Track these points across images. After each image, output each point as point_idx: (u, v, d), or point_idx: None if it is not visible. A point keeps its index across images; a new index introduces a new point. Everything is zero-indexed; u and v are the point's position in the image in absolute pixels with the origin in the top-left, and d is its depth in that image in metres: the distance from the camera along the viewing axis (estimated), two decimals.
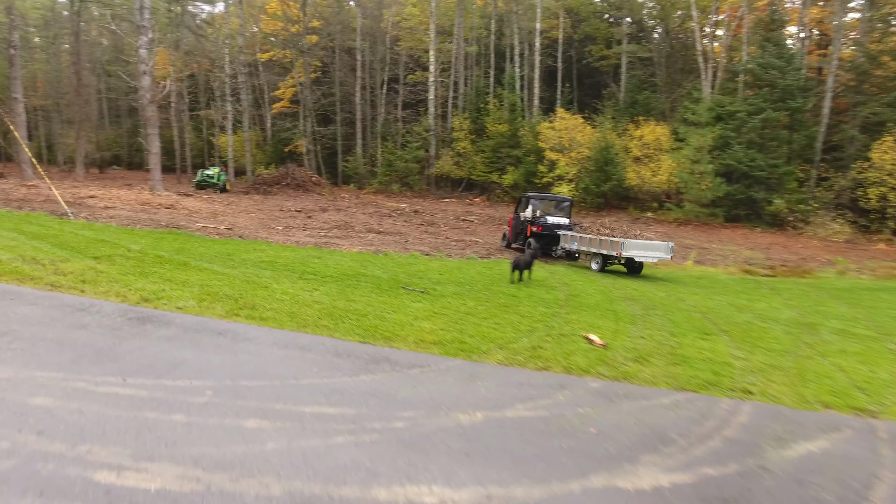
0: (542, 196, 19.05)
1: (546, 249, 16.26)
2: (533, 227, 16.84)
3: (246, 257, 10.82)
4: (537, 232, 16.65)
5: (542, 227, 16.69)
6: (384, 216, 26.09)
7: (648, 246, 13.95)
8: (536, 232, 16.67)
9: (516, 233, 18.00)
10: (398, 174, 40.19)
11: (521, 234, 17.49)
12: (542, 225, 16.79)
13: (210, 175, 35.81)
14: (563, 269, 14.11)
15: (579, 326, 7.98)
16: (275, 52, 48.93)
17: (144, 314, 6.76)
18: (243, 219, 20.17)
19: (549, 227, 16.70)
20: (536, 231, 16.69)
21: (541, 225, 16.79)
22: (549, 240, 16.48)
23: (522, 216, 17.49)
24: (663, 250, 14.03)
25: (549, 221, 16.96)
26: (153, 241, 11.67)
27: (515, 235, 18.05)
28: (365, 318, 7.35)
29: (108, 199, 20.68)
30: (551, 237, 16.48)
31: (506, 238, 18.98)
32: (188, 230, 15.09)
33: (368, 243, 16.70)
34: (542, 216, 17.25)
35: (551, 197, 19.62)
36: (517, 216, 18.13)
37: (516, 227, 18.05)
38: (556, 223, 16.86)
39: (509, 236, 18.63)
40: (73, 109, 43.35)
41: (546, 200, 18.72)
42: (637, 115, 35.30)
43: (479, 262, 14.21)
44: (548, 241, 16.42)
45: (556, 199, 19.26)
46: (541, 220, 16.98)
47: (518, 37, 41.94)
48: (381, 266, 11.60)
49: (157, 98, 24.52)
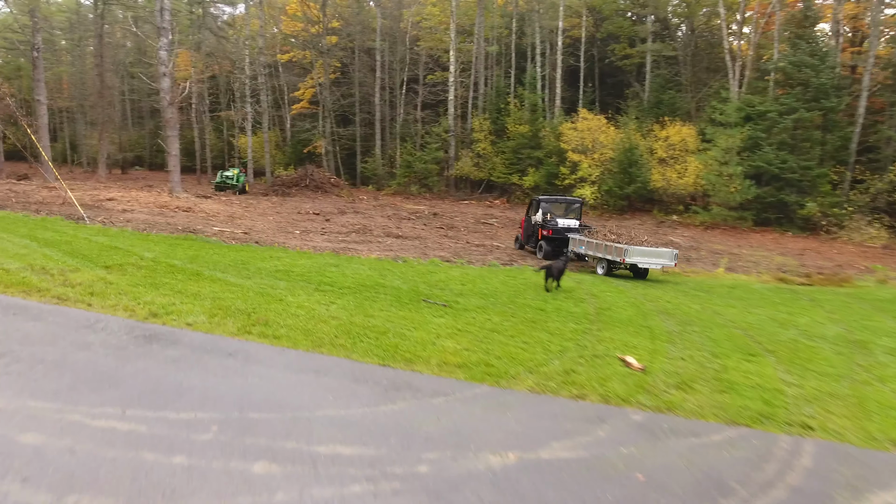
0: (552, 198, 19.36)
1: (557, 251, 16.52)
2: (544, 230, 17.16)
3: (261, 266, 10.46)
4: (548, 235, 16.95)
5: (552, 231, 16.95)
6: (403, 219, 25.69)
7: (652, 253, 14.06)
8: (547, 235, 16.97)
9: (528, 235, 18.34)
10: (417, 175, 39.78)
11: (533, 236, 17.83)
12: (552, 228, 17.03)
13: (229, 176, 35.80)
14: (590, 279, 13.54)
15: (613, 346, 7.44)
16: (294, 52, 48.91)
17: (152, 331, 6.40)
18: (261, 222, 19.92)
19: (559, 230, 16.91)
20: (547, 234, 16.98)
21: (551, 228, 17.04)
22: (559, 242, 16.73)
23: (534, 219, 17.79)
24: (667, 257, 14.07)
25: (559, 224, 17.18)
26: (167, 248, 11.38)
27: (527, 237, 18.39)
28: (384, 335, 6.90)
29: (126, 201, 20.60)
30: (562, 240, 16.66)
31: (518, 240, 19.32)
32: (204, 235, 14.83)
33: (387, 249, 16.29)
34: (552, 219, 17.50)
35: (562, 199, 19.86)
36: (528, 218, 18.46)
37: (528, 229, 18.37)
38: (567, 226, 17.11)
39: (521, 238, 18.99)
40: (96, 111, 43.77)
41: (557, 203, 18.93)
42: (662, 116, 34.43)
43: (502, 270, 13.70)
44: (558, 244, 16.69)
45: (566, 202, 19.39)
46: (551, 224, 17.23)
47: (539, 36, 41.26)
48: (400, 275, 11.15)
49: (177, 100, 24.43)
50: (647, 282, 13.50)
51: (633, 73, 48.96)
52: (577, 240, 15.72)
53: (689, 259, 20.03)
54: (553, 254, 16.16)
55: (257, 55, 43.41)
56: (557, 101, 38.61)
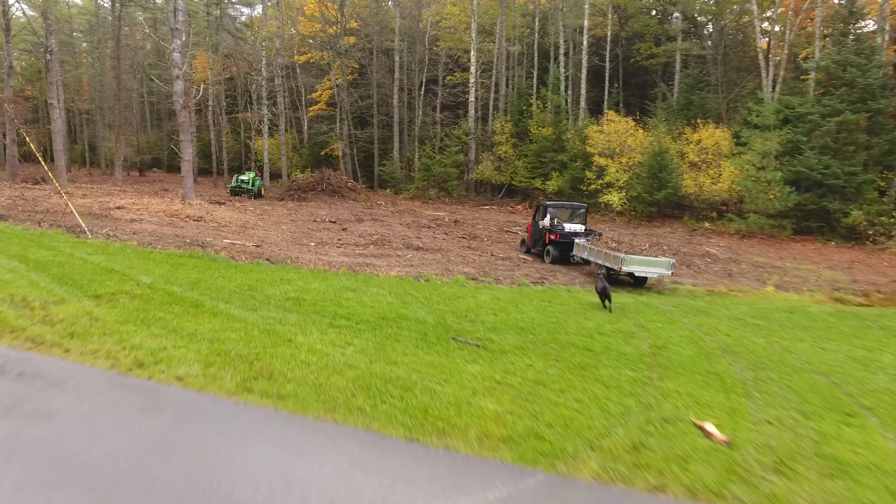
0: (559, 204, 19.97)
1: (564, 255, 17.49)
2: (551, 234, 17.86)
3: (270, 292, 9.40)
4: (555, 240, 17.69)
5: (559, 235, 17.65)
6: (423, 227, 24.59)
7: (649, 262, 14.39)
8: (554, 240, 17.72)
9: (535, 239, 19.05)
10: (436, 179, 38.67)
11: (540, 240, 18.57)
12: (559, 233, 17.70)
13: (245, 180, 35.04)
14: (633, 303, 12.28)
15: (683, 403, 6.22)
16: (312, 53, 48.13)
17: (134, 390, 5.35)
18: (274, 232, 18.94)
19: (566, 234, 17.58)
20: (554, 239, 17.72)
21: (558, 233, 17.71)
22: (566, 247, 17.44)
23: (541, 224, 18.48)
24: (664, 266, 14.30)
25: (566, 229, 17.83)
26: (169, 270, 10.36)
27: (534, 242, 19.12)
28: (410, 392, 5.77)
29: (136, 210, 19.78)
30: (568, 244, 17.35)
31: (525, 244, 20.11)
32: (213, 250, 13.85)
33: (408, 263, 15.20)
34: (559, 224, 18.18)
35: (568, 205, 20.46)
36: (535, 223, 19.18)
37: (535, 233, 19.05)
38: (573, 231, 17.78)
39: (528, 242, 19.74)
40: (113, 114, 43.41)
41: (563, 208, 19.61)
42: (692, 118, 32.92)
43: (535, 293, 12.50)
44: (565, 248, 17.47)
45: (572, 207, 20.07)
46: (558, 228, 17.89)
47: (563, 35, 39.90)
48: (424, 301, 10.02)
49: (190, 103, 23.62)
50: (699, 308, 12.17)
51: (659, 73, 47.42)
52: (581, 245, 16.31)
53: (730, 274, 18.64)
54: (560, 258, 17.44)
55: (274, 56, 42.70)
56: (582, 103, 37.21)
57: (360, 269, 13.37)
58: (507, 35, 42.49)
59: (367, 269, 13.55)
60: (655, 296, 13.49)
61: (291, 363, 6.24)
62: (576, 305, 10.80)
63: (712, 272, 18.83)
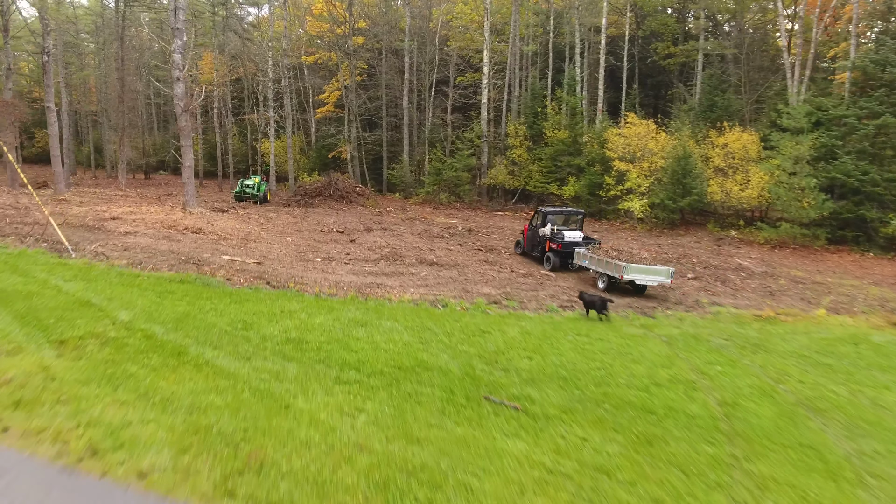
0: (557, 211, 20.22)
1: (563, 263, 17.81)
2: (552, 243, 18.13)
3: (267, 331, 8.09)
4: (557, 249, 17.90)
5: (561, 245, 17.87)
6: (435, 237, 23.28)
7: (649, 270, 14.44)
8: (556, 249, 17.93)
9: (533, 244, 19.37)
10: (447, 183, 37.34)
11: (538, 245, 18.94)
12: (561, 243, 17.91)
13: (250, 185, 33.82)
14: (677, 332, 10.89)
15: (783, 499, 4.86)
16: (320, 54, 46.92)
17: (80, 493, 4.06)
18: (277, 246, 17.68)
19: (567, 244, 17.83)
20: (556, 248, 17.94)
21: (560, 243, 17.92)
22: (565, 254, 17.79)
23: (541, 232, 18.72)
24: (664, 275, 14.43)
25: (566, 238, 18.02)
26: (154, 301, 9.08)
27: (532, 246, 19.43)
28: (440, 491, 4.45)
29: (132, 221, 18.57)
30: (568, 253, 17.68)
31: (520, 246, 20.46)
32: (209, 270, 12.60)
33: (422, 283, 13.88)
34: (559, 231, 18.47)
35: (565, 210, 20.74)
36: (532, 227, 19.53)
37: (533, 237, 19.37)
38: (573, 240, 18.01)
39: (524, 245, 20.05)
40: (117, 116, 42.37)
41: (559, 214, 19.85)
42: (715, 120, 31.44)
43: (566, 320, 11.15)
44: (564, 256, 17.82)
45: (569, 213, 20.37)
46: (559, 238, 18.11)
47: (579, 34, 38.44)
48: (445, 338, 8.69)
49: (191, 106, 22.43)
50: (754, 341, 10.72)
51: (676, 73, 45.92)
52: (581, 254, 16.34)
53: (771, 292, 17.16)
54: (560, 265, 17.77)
55: (281, 57, 41.55)
56: (600, 104, 35.70)
57: (371, 292, 12.07)
58: (520, 34, 41.11)
59: (378, 292, 12.25)
60: (699, 322, 12.09)
61: (288, 445, 4.93)
62: (617, 341, 9.44)
63: (750, 289, 17.37)
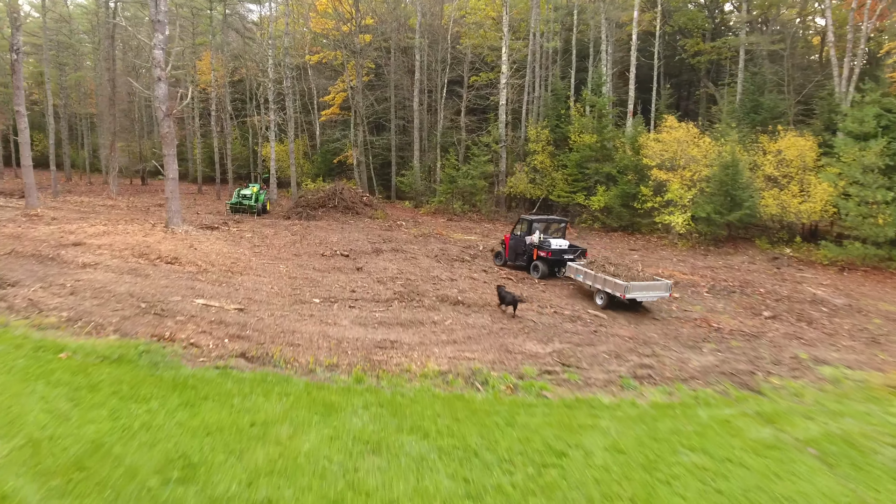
0: (542, 219, 19.87)
1: (551, 271, 17.96)
2: (541, 251, 17.99)
3: (221, 487, 5.01)
4: (546, 257, 17.80)
5: (550, 253, 17.75)
6: (454, 259, 20.24)
7: (649, 286, 14.35)
8: (545, 257, 17.81)
9: (517, 253, 19.02)
10: (461, 191, 34.29)
11: (523, 255, 18.77)
12: (549, 251, 17.78)
13: (247, 196, 30.85)
14: (798, 415, 7.76)
15: None
16: (325, 53, 43.97)
17: None
18: (269, 278, 14.64)
19: (557, 252, 17.81)
20: (546, 256, 17.81)
21: (549, 251, 17.79)
22: (554, 263, 17.91)
23: (528, 240, 18.53)
24: (663, 289, 14.43)
25: (553, 246, 17.93)
26: (59, 411, 5.91)
27: (516, 255, 19.08)
28: None
29: (97, 247, 15.56)
30: (557, 261, 17.76)
31: (501, 257, 19.86)
32: (172, 327, 9.60)
33: (449, 338, 10.83)
34: (545, 240, 18.36)
35: (548, 218, 20.55)
36: (515, 235, 19.20)
37: (517, 246, 19.01)
38: (561, 248, 17.98)
39: (505, 255, 19.55)
40: (107, 119, 39.61)
41: (542, 222, 19.54)
42: (759, 123, 28.33)
43: (658, 410, 8.04)
44: (553, 264, 17.94)
45: (552, 221, 20.24)
46: (546, 245, 18.00)
47: (605, 30, 35.26)
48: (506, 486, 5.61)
49: (175, 111, 19.51)
50: None
51: (703, 73, 42.78)
52: (576, 268, 16.04)
53: (874, 338, 13.88)
54: (548, 274, 17.88)
55: (283, 56, 38.66)
56: (630, 106, 32.48)
57: (384, 361, 9.06)
58: (539, 30, 37.99)
59: (393, 359, 9.23)
60: (827, 402, 8.94)
61: None
62: (754, 462, 6.35)
63: (846, 334, 14.17)
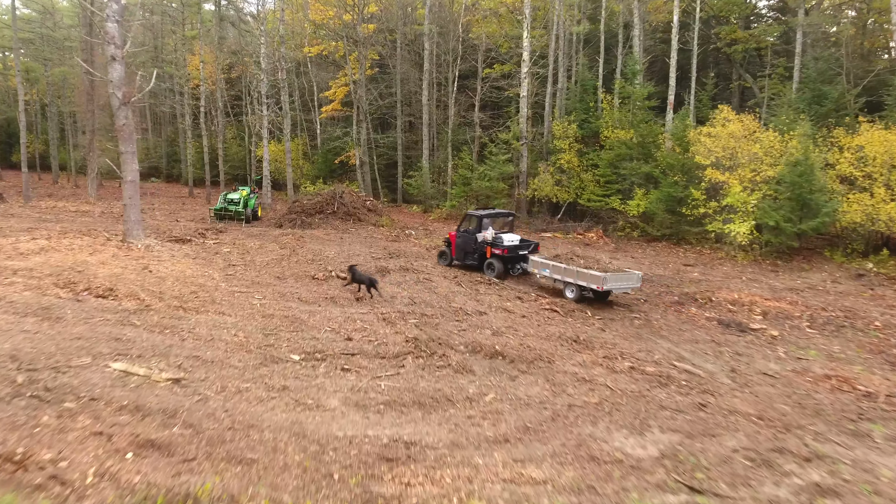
0: (491, 213, 18.77)
1: (507, 269, 17.17)
2: (495, 248, 17.18)
3: None
4: (502, 255, 16.98)
5: (506, 251, 16.98)
6: (477, 281, 16.37)
7: (622, 277, 14.22)
8: (501, 255, 16.99)
9: (466, 251, 18.00)
10: (476, 194, 30.43)
11: (473, 253, 17.79)
12: (505, 248, 17.00)
13: (234, 200, 27.09)
14: None
15: None
16: (325, 44, 40.18)
17: None
18: (235, 318, 10.71)
19: (512, 248, 17.09)
20: (501, 254, 16.99)
21: (504, 248, 17.01)
22: (509, 259, 17.18)
23: (480, 237, 17.60)
24: (634, 280, 14.32)
25: (507, 242, 17.17)
26: None
27: (465, 254, 18.05)
28: None
29: (16, 269, 11.76)
30: (512, 258, 17.10)
31: (446, 256, 18.73)
32: (47, 425, 5.77)
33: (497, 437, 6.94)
34: (498, 236, 17.55)
35: (498, 213, 19.38)
36: (462, 233, 18.19)
37: (465, 244, 17.98)
38: (514, 244, 17.25)
39: (452, 254, 18.52)
40: (85, 117, 35.97)
41: (493, 217, 18.64)
42: (823, 115, 24.39)
43: None
44: (508, 261, 17.19)
45: (499, 214, 19.29)
46: (501, 243, 17.18)
47: (638, 13, 31.29)
48: None
49: (132, 97, 15.71)
50: None
51: (738, 62, 38.78)
52: (541, 262, 15.47)
53: None
54: (504, 272, 16.98)
55: (278, 45, 34.94)
56: (670, 97, 28.46)
57: (393, 498, 5.16)
58: (564, 15, 34.06)
59: (410, 488, 5.36)
60: None
61: None
62: None
63: None
